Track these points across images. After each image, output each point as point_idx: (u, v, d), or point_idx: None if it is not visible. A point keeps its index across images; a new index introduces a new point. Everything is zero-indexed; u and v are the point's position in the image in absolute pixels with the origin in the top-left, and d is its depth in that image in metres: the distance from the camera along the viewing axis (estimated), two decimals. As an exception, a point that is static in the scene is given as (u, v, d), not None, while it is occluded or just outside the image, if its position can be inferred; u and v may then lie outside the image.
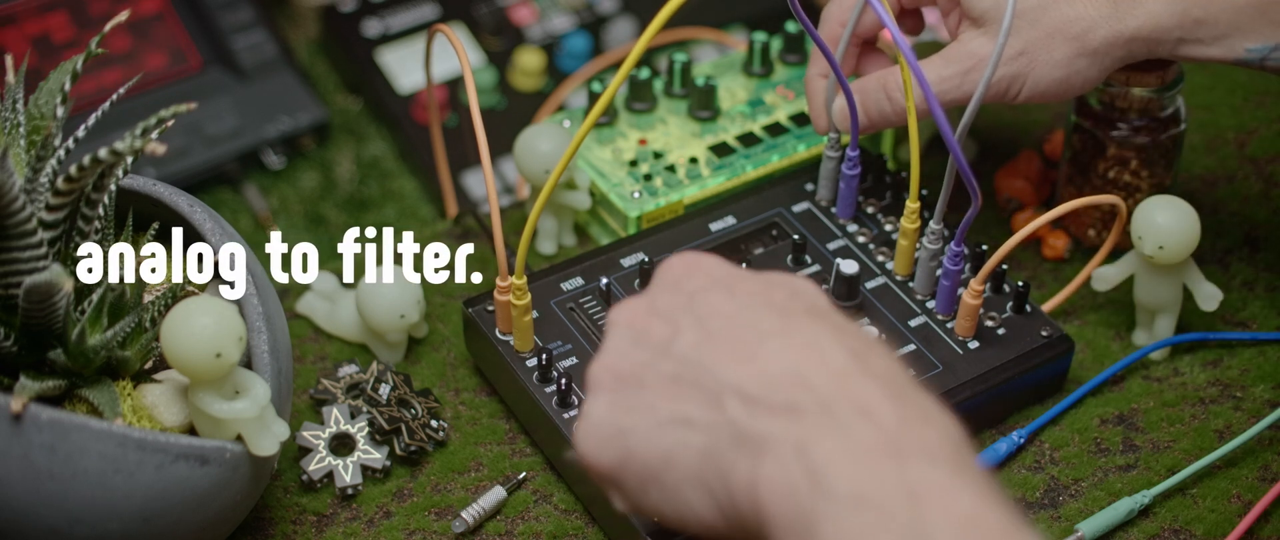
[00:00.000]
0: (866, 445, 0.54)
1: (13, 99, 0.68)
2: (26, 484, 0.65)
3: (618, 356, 0.61)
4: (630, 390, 0.60)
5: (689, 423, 0.58)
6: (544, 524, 0.78)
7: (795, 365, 0.57)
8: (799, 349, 0.57)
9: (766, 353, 0.58)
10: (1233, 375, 0.85)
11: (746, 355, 0.58)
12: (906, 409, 0.55)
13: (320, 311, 0.87)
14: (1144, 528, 0.77)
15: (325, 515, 0.78)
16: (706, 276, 0.63)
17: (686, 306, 0.61)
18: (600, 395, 0.61)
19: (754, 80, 0.96)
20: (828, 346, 0.57)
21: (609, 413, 0.61)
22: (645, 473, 0.59)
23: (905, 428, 0.54)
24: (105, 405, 0.68)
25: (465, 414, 0.83)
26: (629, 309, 0.63)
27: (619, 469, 0.60)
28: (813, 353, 0.57)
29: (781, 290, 0.62)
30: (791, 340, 0.58)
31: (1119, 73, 0.85)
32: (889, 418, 0.54)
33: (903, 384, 0.57)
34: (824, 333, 0.58)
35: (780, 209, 0.88)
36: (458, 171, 1.07)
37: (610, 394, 0.61)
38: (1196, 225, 0.80)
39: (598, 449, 0.61)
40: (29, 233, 0.64)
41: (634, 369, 0.60)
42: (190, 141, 1.06)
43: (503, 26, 1.15)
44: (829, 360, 0.57)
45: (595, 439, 0.61)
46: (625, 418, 0.60)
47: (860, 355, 0.57)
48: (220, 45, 1.10)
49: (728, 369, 0.58)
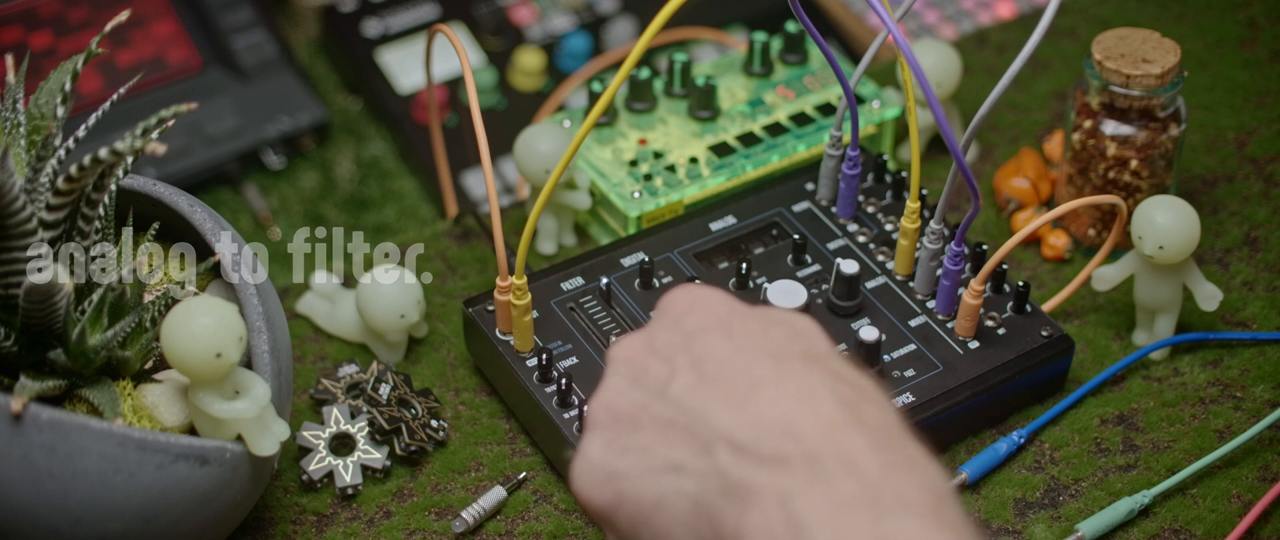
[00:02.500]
0: (846, 497, 0.54)
1: (13, 99, 0.68)
2: (26, 484, 0.65)
3: (615, 395, 0.61)
4: (626, 431, 0.60)
5: (680, 469, 0.58)
6: (544, 524, 0.78)
7: (786, 414, 0.57)
8: (791, 397, 0.57)
9: (759, 400, 0.57)
10: (1233, 375, 0.85)
11: (738, 402, 0.58)
12: (891, 459, 0.55)
13: (320, 311, 0.87)
14: (1144, 528, 0.77)
15: (325, 515, 0.78)
16: (707, 314, 0.62)
17: (684, 346, 0.61)
18: (596, 434, 0.61)
19: (754, 80, 0.96)
20: (820, 395, 0.57)
21: (603, 453, 0.60)
22: (637, 515, 0.59)
23: (887, 479, 0.54)
24: (105, 405, 0.68)
25: (465, 414, 0.83)
26: (629, 345, 0.63)
27: (612, 510, 0.60)
28: (804, 401, 0.57)
29: (781, 330, 0.61)
30: (784, 388, 0.58)
31: (1119, 73, 0.85)
32: (872, 469, 0.54)
33: (892, 434, 0.57)
34: (818, 380, 0.58)
35: (780, 209, 0.88)
36: (458, 171, 1.07)
37: (606, 434, 0.61)
38: (1196, 225, 0.80)
39: (592, 489, 0.61)
40: (29, 233, 0.64)
41: (630, 409, 0.60)
42: (190, 141, 1.06)
43: (503, 26, 1.15)
44: (820, 409, 0.57)
45: (589, 479, 0.61)
46: (619, 460, 0.60)
47: (852, 405, 0.57)
48: (220, 45, 1.10)
49: (719, 416, 0.57)
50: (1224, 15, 1.08)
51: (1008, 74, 0.71)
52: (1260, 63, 1.04)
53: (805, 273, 0.84)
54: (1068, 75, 1.03)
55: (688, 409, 0.58)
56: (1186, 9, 1.09)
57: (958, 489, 0.78)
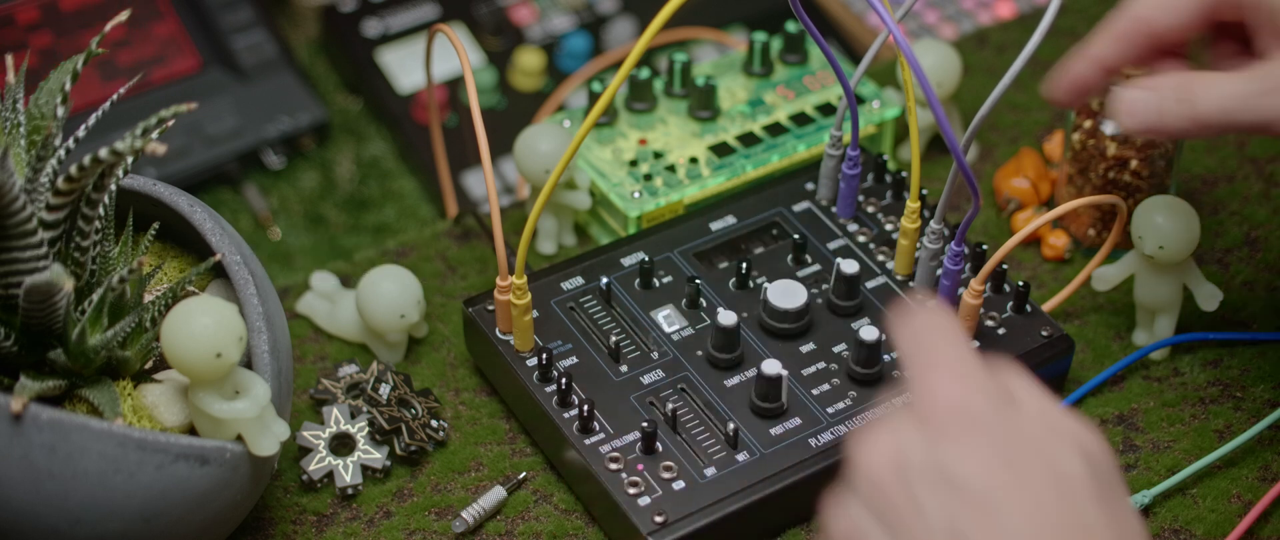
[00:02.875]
0: None
1: (13, 99, 0.68)
2: (26, 484, 0.65)
3: (859, 531, 0.55)
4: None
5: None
6: (544, 524, 0.78)
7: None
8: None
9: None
10: (1233, 375, 0.85)
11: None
12: None
13: (320, 311, 0.87)
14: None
15: (325, 515, 0.78)
16: (972, 461, 0.54)
17: (942, 509, 0.53)
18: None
19: (754, 80, 0.96)
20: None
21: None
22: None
23: None
24: (105, 405, 0.68)
25: (465, 414, 0.83)
26: (879, 461, 0.55)
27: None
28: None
29: (1051, 499, 0.53)
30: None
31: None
32: None
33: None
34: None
35: (780, 209, 0.88)
36: (458, 171, 1.07)
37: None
38: (1196, 225, 0.80)
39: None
40: (29, 233, 0.64)
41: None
42: (190, 141, 1.06)
43: (503, 26, 1.15)
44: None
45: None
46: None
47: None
48: (220, 45, 1.10)
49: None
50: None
51: (1009, 74, 0.71)
52: (1260, 63, 1.04)
53: (805, 273, 0.85)
54: (1068, 75, 1.03)
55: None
56: (1186, 9, 1.09)
57: None
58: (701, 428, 0.77)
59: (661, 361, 0.80)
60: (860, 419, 0.77)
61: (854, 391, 0.78)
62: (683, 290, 0.83)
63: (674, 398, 0.78)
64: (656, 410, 0.78)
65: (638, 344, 0.80)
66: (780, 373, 0.76)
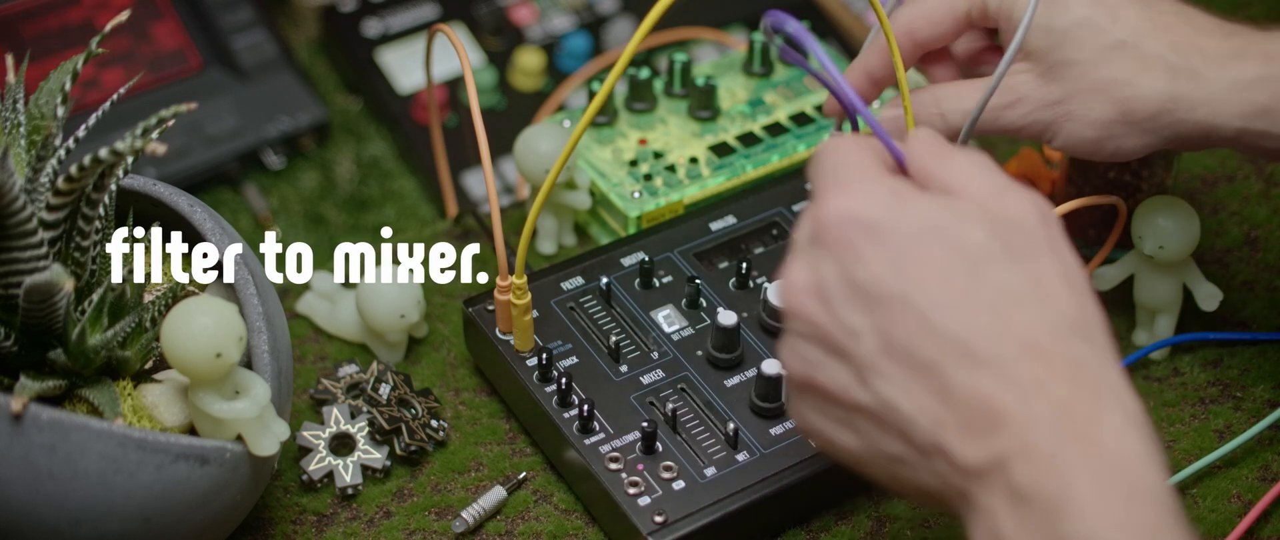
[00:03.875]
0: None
1: (13, 99, 0.68)
2: (26, 484, 0.65)
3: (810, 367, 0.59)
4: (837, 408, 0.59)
5: (902, 462, 0.58)
6: (544, 524, 0.78)
7: (991, 394, 0.56)
8: (996, 378, 0.56)
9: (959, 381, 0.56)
10: (1233, 375, 0.85)
11: (938, 400, 0.56)
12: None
13: (320, 311, 0.87)
14: (1144, 528, 0.77)
15: (325, 515, 0.78)
16: (882, 263, 0.58)
17: (870, 321, 0.57)
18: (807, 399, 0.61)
19: (754, 80, 0.96)
20: (1011, 382, 0.56)
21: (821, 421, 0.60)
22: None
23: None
24: (105, 405, 0.68)
25: (465, 414, 0.83)
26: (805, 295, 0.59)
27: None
28: (1007, 378, 0.56)
29: (962, 273, 0.57)
30: (996, 367, 0.56)
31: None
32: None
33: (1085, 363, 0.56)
34: (1008, 361, 0.56)
35: (780, 208, 0.88)
36: (458, 171, 1.07)
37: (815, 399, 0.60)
38: (1196, 225, 0.80)
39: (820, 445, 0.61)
40: (29, 233, 0.64)
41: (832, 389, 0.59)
42: (190, 141, 1.06)
43: (503, 26, 1.15)
44: (1002, 412, 0.55)
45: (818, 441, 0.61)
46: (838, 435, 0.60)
47: (1065, 342, 0.56)
48: (220, 45, 1.10)
49: (922, 416, 0.57)
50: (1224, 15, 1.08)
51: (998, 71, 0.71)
52: (1260, 63, 1.04)
53: (805, 273, 0.84)
54: (1068, 75, 1.03)
55: (891, 406, 0.57)
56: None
57: None
58: (701, 428, 0.77)
59: (661, 361, 0.80)
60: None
61: (854, 391, 0.78)
62: (683, 290, 0.83)
63: (674, 398, 0.78)
64: (656, 410, 0.78)
65: (638, 344, 0.80)
66: (780, 373, 0.76)
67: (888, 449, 0.58)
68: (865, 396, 0.57)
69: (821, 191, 0.60)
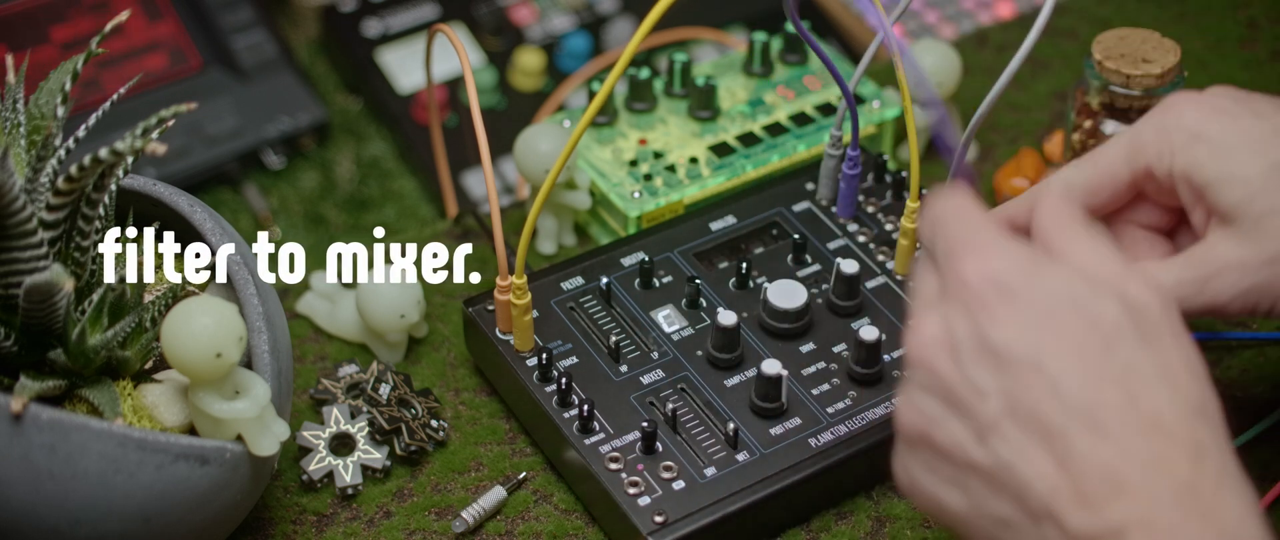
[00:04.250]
0: None
1: (13, 99, 0.68)
2: (26, 484, 0.65)
3: (928, 421, 0.58)
4: (947, 464, 0.58)
5: (1009, 525, 0.57)
6: (544, 524, 0.78)
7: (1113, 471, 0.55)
8: (1121, 442, 0.55)
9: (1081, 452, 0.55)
10: (1233, 375, 0.85)
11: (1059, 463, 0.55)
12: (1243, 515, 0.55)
13: (320, 311, 0.87)
14: (1144, 528, 0.77)
15: (325, 515, 0.78)
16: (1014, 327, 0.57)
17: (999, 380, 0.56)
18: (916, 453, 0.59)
19: (754, 80, 0.96)
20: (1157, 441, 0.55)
21: (928, 478, 0.59)
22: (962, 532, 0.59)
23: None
24: (105, 405, 0.68)
25: (465, 414, 0.83)
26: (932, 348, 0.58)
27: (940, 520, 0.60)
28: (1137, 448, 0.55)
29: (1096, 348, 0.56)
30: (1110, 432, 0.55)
31: (1119, 73, 0.85)
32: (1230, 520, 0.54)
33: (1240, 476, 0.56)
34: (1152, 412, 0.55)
35: (780, 208, 0.88)
36: (458, 171, 1.07)
37: (926, 456, 0.59)
38: (1196, 225, 0.80)
39: (924, 506, 0.60)
40: (29, 233, 0.64)
41: (948, 445, 0.58)
42: (190, 141, 1.06)
43: (503, 26, 1.15)
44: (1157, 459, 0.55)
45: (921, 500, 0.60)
46: (945, 494, 0.59)
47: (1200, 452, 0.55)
48: (220, 45, 1.10)
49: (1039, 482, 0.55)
50: (1224, 15, 1.08)
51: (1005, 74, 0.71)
52: (1260, 63, 1.04)
53: (805, 273, 0.85)
54: (1068, 75, 1.03)
55: (1007, 466, 0.56)
56: (1186, 9, 1.09)
57: None
58: (701, 428, 0.77)
59: (661, 361, 0.80)
60: (860, 418, 0.77)
61: (854, 391, 0.78)
62: (683, 290, 0.83)
63: (674, 398, 0.78)
64: (656, 410, 0.78)
65: (638, 344, 0.80)
66: (780, 373, 0.76)
67: (996, 512, 0.57)
68: (983, 456, 0.57)
69: (954, 250, 0.59)
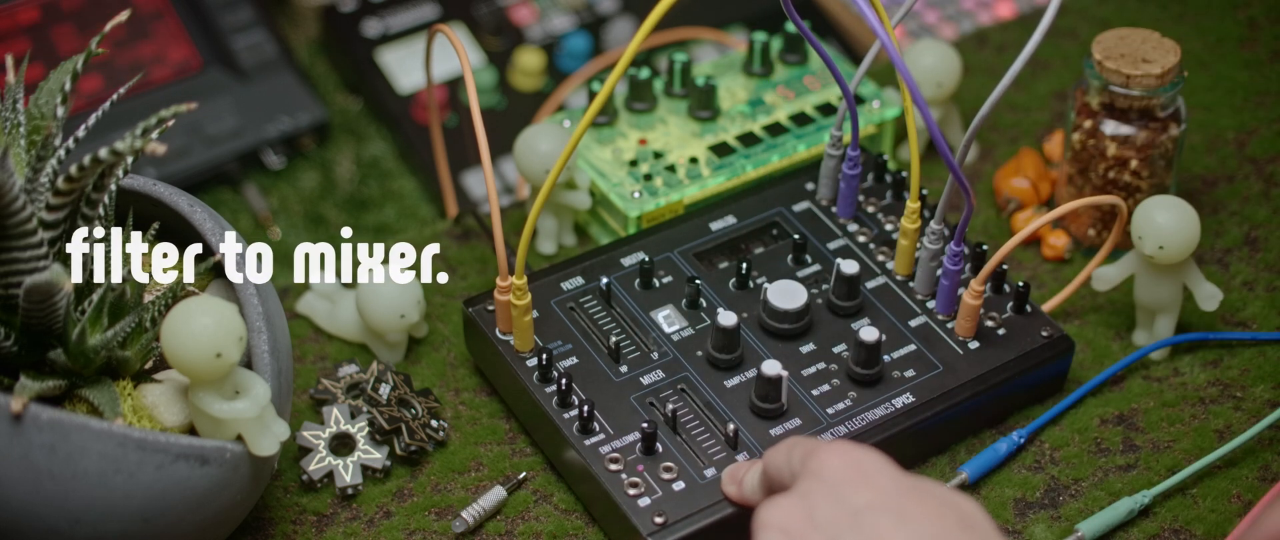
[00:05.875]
0: None
1: (13, 99, 0.68)
2: (26, 484, 0.65)
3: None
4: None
5: None
6: (544, 524, 0.78)
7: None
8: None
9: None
10: (1233, 375, 0.85)
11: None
12: None
13: (320, 311, 0.87)
14: (1144, 528, 0.77)
15: (325, 515, 0.78)
16: (872, 490, 0.59)
17: (852, 527, 0.58)
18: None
19: (754, 80, 0.96)
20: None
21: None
22: None
23: None
24: (105, 405, 0.68)
25: (465, 414, 0.83)
26: (784, 513, 0.60)
27: None
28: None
29: (954, 523, 0.59)
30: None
31: (1119, 73, 0.85)
32: None
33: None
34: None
35: (780, 208, 0.88)
36: (458, 171, 1.07)
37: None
38: (1196, 225, 0.80)
39: None
40: (29, 233, 0.64)
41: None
42: (190, 141, 1.06)
43: (503, 26, 1.15)
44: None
45: None
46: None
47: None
48: (220, 45, 1.10)
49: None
50: (1224, 15, 1.08)
51: (1009, 74, 0.71)
52: (1260, 63, 1.04)
53: (805, 273, 0.85)
54: (1068, 75, 1.03)
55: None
56: (1186, 9, 1.09)
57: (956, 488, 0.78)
58: (701, 428, 0.77)
59: (661, 362, 0.80)
60: (860, 419, 0.77)
61: (854, 392, 0.78)
62: (683, 290, 0.83)
63: (674, 398, 0.78)
64: (656, 411, 0.78)
65: (638, 344, 0.80)
66: (780, 373, 0.76)
67: None
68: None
69: (812, 451, 0.62)
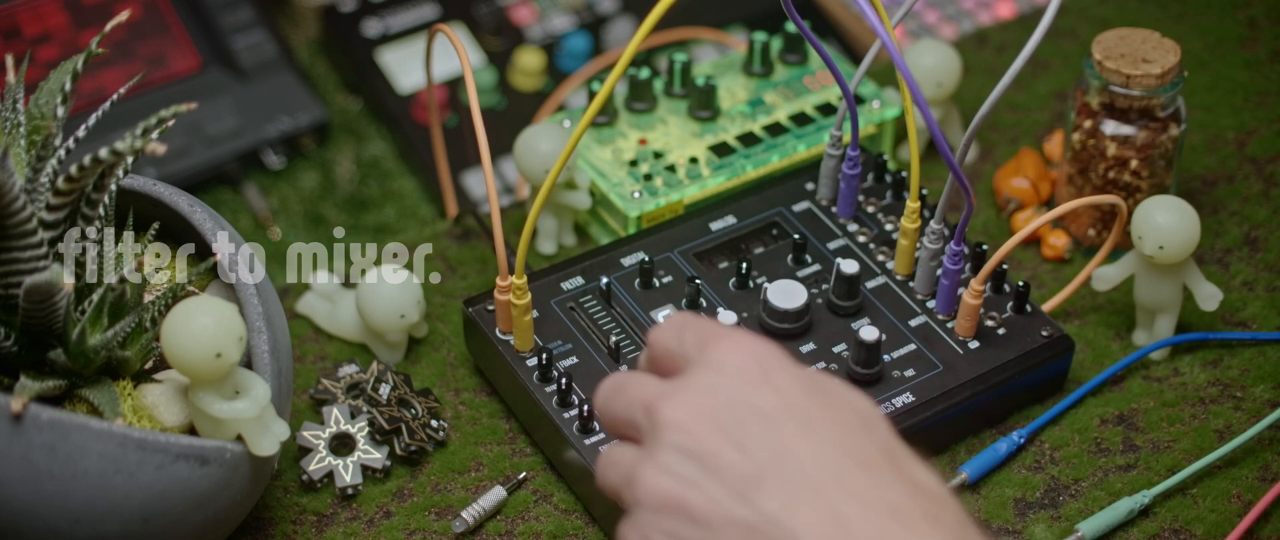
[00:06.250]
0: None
1: (13, 99, 0.68)
2: (26, 484, 0.65)
3: (683, 483, 0.56)
4: (698, 527, 0.56)
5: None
6: (544, 524, 0.78)
7: (876, 534, 0.55)
8: (880, 514, 0.55)
9: (847, 516, 0.55)
10: (1233, 375, 0.85)
11: (826, 517, 0.55)
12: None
13: (320, 311, 0.87)
14: (1144, 528, 0.77)
15: (325, 515, 0.78)
16: (777, 394, 0.58)
17: (760, 436, 0.56)
18: (661, 521, 0.57)
19: (754, 80, 0.96)
20: (908, 509, 0.55)
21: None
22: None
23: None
24: (105, 405, 0.68)
25: (465, 414, 0.83)
26: (687, 411, 0.57)
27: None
28: (894, 521, 0.55)
29: (854, 421, 0.58)
30: (872, 505, 0.55)
31: (1119, 73, 0.85)
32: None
33: (973, 534, 0.56)
34: (906, 496, 0.56)
35: (780, 208, 0.88)
36: (458, 171, 1.07)
37: (674, 524, 0.56)
38: (1196, 225, 0.80)
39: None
40: (29, 233, 0.64)
41: (703, 505, 0.56)
42: (190, 141, 1.06)
43: (503, 26, 1.15)
44: (908, 527, 0.55)
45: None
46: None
47: (937, 519, 0.56)
48: (220, 45, 1.10)
49: (808, 532, 0.54)
50: (1224, 15, 1.08)
51: (1008, 74, 0.71)
52: (1260, 63, 1.04)
53: (805, 273, 0.85)
54: (1068, 75, 1.03)
55: (773, 518, 0.55)
56: (1186, 9, 1.09)
57: (957, 489, 0.78)
58: (701, 428, 0.77)
59: (661, 361, 0.80)
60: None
61: (854, 391, 0.78)
62: (683, 290, 0.83)
63: (674, 398, 0.78)
64: (656, 410, 0.78)
65: (638, 344, 0.80)
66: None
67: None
68: (746, 513, 0.56)
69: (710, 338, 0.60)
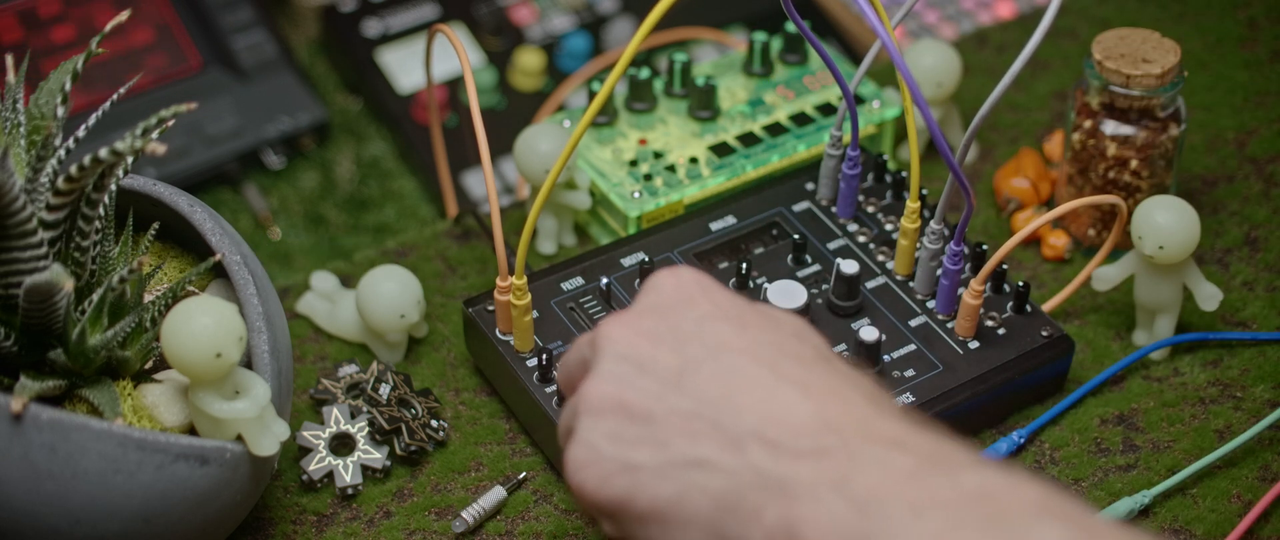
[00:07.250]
0: (909, 468, 0.53)
1: (13, 99, 0.68)
2: (26, 484, 0.65)
3: (620, 384, 0.59)
4: (639, 423, 0.58)
5: (704, 465, 0.56)
6: (544, 524, 0.78)
7: (818, 411, 0.55)
8: (820, 395, 0.56)
9: (787, 398, 0.56)
10: (1233, 375, 0.85)
11: (766, 398, 0.56)
12: (937, 439, 0.55)
13: (320, 311, 0.87)
14: (1144, 528, 0.77)
15: (325, 515, 0.78)
16: (708, 303, 0.60)
17: (695, 335, 0.58)
18: (602, 423, 0.58)
19: (754, 80, 0.96)
20: (847, 393, 0.56)
21: (614, 447, 0.58)
22: (650, 511, 0.57)
23: (940, 448, 0.54)
24: (105, 405, 0.68)
25: (465, 414, 0.83)
26: (625, 327, 0.60)
27: (621, 506, 0.58)
28: (834, 399, 0.56)
29: (788, 328, 0.59)
30: (811, 387, 0.56)
31: (1119, 73, 0.85)
32: (922, 444, 0.54)
33: (922, 421, 0.56)
34: (840, 380, 0.57)
35: (780, 208, 0.88)
36: (458, 171, 1.07)
37: (614, 423, 0.58)
38: (1196, 225, 0.80)
39: (599, 483, 0.58)
40: (29, 233, 0.64)
41: (642, 400, 0.58)
42: (190, 141, 1.06)
43: (503, 26, 1.15)
44: (851, 406, 0.55)
45: (597, 472, 0.58)
46: (633, 453, 0.57)
47: (877, 400, 0.56)
48: (220, 45, 1.10)
49: (748, 411, 0.55)
50: (1224, 15, 1.08)
51: (1009, 74, 0.71)
52: (1260, 63, 1.04)
53: (805, 273, 0.85)
54: (1068, 75, 1.03)
55: (712, 401, 0.56)
56: (1186, 9, 1.09)
57: None
58: (701, 428, 0.77)
59: (661, 361, 0.80)
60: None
61: (854, 391, 0.78)
62: (683, 290, 0.83)
63: (674, 398, 0.78)
64: (656, 410, 0.78)
65: (638, 344, 0.80)
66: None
67: (690, 453, 0.56)
68: (680, 400, 0.57)
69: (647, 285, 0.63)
